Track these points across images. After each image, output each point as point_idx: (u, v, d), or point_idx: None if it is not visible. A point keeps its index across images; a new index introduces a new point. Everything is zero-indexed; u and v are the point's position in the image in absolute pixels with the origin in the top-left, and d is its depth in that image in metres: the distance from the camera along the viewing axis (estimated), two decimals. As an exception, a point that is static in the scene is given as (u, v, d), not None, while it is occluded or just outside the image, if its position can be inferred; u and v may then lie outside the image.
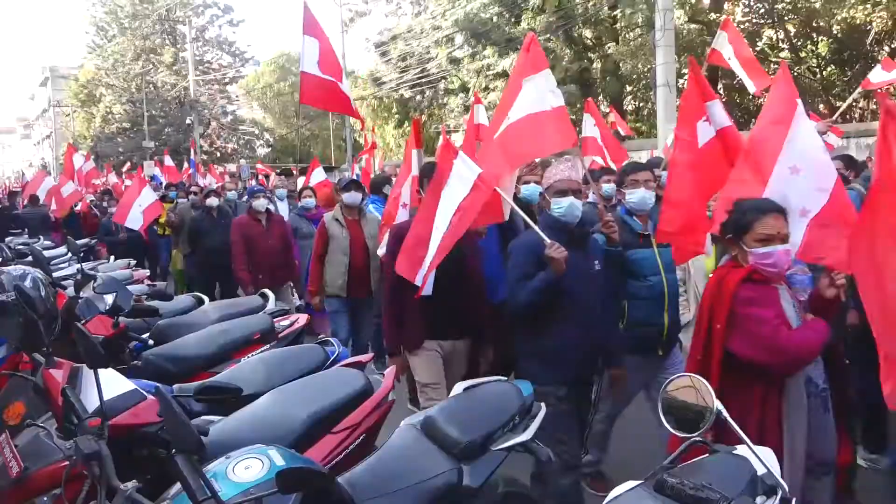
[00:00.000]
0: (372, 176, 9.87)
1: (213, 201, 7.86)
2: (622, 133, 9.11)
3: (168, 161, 16.93)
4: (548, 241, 3.00)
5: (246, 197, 9.50)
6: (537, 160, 4.68)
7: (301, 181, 12.75)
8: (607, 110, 19.11)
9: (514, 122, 3.58)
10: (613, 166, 6.41)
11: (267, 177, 17.88)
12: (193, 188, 9.62)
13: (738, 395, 2.55)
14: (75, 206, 11.97)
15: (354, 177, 10.27)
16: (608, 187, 4.97)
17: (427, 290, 3.48)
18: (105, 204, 11.55)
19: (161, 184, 14.31)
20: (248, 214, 6.55)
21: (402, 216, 4.56)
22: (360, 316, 5.63)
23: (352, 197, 5.51)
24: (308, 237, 6.65)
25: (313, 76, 5.66)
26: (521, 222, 3.74)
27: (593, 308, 3.19)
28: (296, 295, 6.90)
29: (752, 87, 6.57)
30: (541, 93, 3.54)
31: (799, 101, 3.08)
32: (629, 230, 3.58)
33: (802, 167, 2.92)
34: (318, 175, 9.84)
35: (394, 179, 8.00)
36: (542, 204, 3.30)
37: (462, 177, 3.31)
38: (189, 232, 8.00)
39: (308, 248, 6.23)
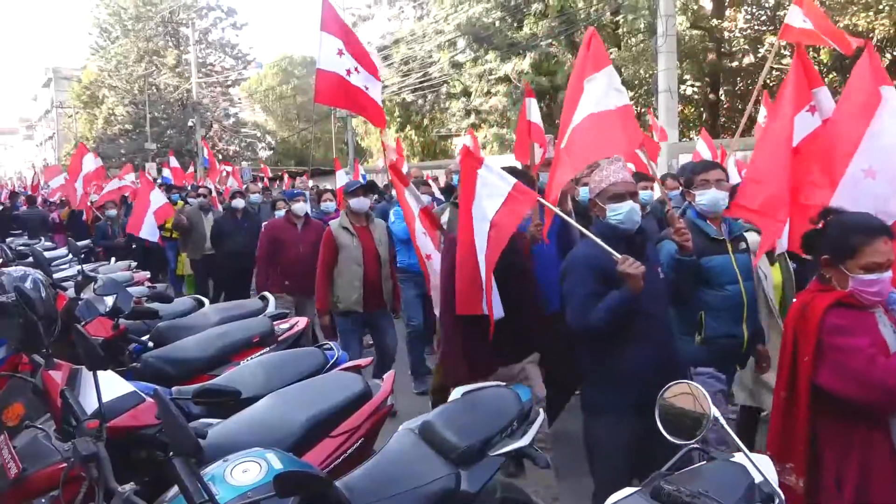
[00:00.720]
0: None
1: (238, 203, 7.58)
2: (656, 137, 8.82)
3: (174, 162, 16.56)
4: (617, 255, 2.69)
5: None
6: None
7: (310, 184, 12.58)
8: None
9: (577, 124, 3.35)
10: (653, 167, 5.77)
11: (271, 179, 17.76)
12: (202, 189, 9.29)
13: (837, 438, 2.29)
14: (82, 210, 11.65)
15: (361, 179, 10.18)
16: (644, 194, 4.64)
17: (498, 312, 3.12)
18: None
19: (170, 184, 14.08)
20: (286, 218, 6.25)
21: (427, 245, 4.21)
22: (380, 329, 5.18)
23: (360, 203, 5.13)
24: None
25: (330, 74, 5.39)
26: (577, 232, 3.46)
27: (664, 322, 2.93)
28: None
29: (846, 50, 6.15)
30: (603, 92, 3.31)
31: (887, 88, 2.69)
32: (702, 235, 3.27)
33: (879, 168, 2.60)
34: (341, 178, 9.47)
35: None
36: (595, 212, 2.98)
37: (489, 186, 2.98)
38: (212, 234, 7.77)
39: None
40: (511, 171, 3.32)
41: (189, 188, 11.97)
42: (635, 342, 2.77)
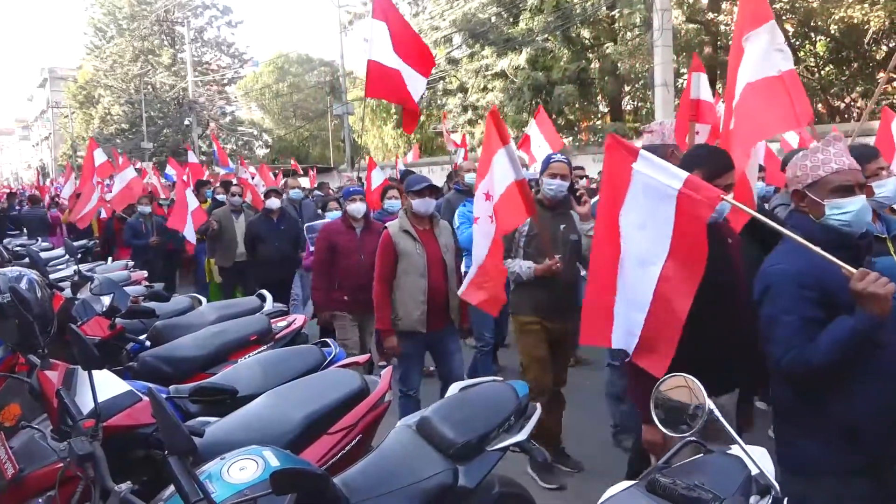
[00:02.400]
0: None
1: (273, 203, 6.83)
2: None
3: (192, 157, 15.12)
4: (850, 268, 2.02)
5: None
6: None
7: (303, 182, 11.92)
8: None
9: (739, 98, 2.83)
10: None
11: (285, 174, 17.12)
12: (234, 188, 8.16)
13: None
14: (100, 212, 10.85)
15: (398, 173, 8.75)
16: (758, 186, 4.08)
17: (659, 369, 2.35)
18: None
19: (173, 183, 13.54)
20: (343, 220, 5.25)
21: (484, 208, 3.75)
22: (446, 354, 4.36)
23: (425, 205, 4.26)
24: None
25: (381, 66, 4.89)
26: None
27: None
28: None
29: None
30: (763, 53, 2.79)
31: None
32: None
33: None
34: (377, 177, 8.27)
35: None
36: (803, 208, 2.30)
37: (652, 186, 2.31)
38: (246, 239, 7.01)
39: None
40: (704, 150, 2.66)
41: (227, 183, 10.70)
42: (873, 384, 2.11)
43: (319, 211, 7.91)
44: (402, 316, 4.21)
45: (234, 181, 9.56)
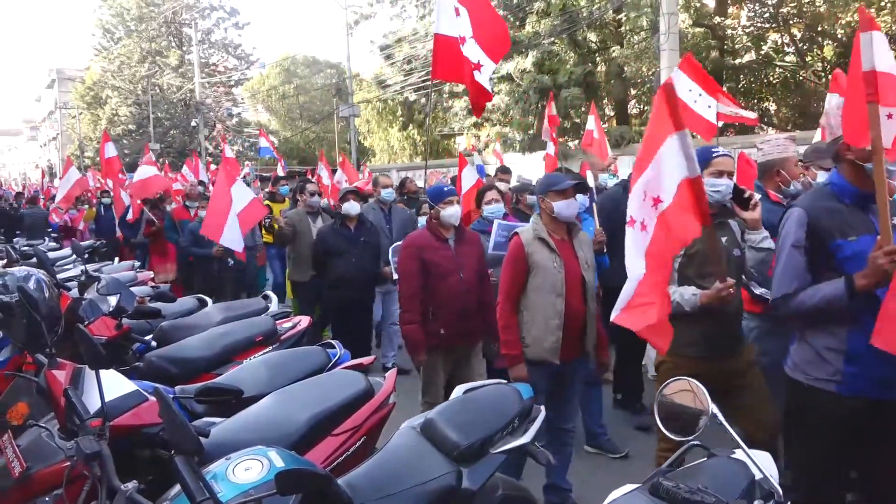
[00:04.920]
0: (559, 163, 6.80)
1: (351, 207, 5.43)
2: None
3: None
4: None
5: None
6: None
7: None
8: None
9: None
10: None
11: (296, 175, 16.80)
12: (310, 186, 6.68)
13: None
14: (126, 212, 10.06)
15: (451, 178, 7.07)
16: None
17: None
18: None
19: (281, 176, 12.58)
20: (431, 230, 4.15)
21: (644, 211, 2.76)
22: (564, 387, 3.64)
23: (571, 208, 3.50)
24: (497, 263, 3.93)
25: (448, 39, 4.22)
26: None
27: None
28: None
29: None
30: None
31: None
32: None
33: None
34: (469, 176, 6.39)
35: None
36: None
37: None
38: (314, 254, 5.65)
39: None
40: None
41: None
42: None
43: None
44: (529, 342, 3.48)
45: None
